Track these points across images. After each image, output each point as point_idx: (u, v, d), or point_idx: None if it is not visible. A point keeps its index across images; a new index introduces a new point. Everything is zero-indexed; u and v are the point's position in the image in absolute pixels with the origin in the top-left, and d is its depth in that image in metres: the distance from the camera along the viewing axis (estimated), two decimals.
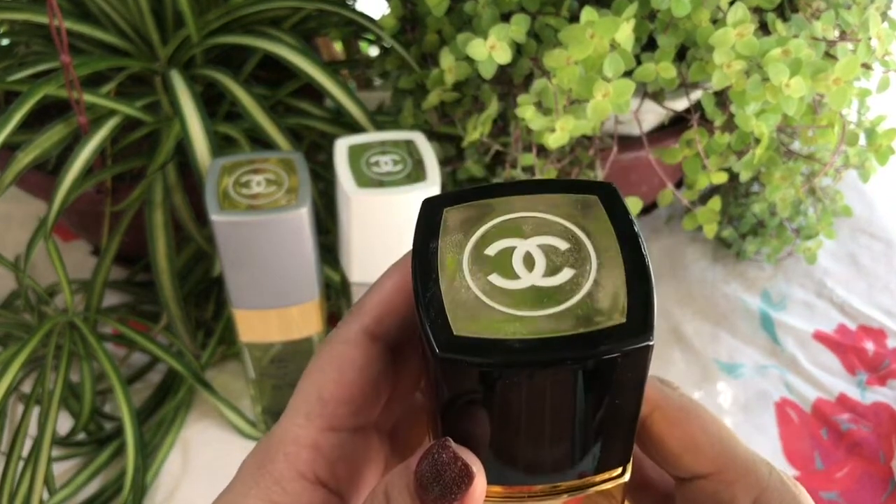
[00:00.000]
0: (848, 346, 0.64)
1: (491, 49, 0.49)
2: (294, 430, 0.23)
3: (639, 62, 0.50)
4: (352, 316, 0.24)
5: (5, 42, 0.64)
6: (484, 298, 0.19)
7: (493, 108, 0.53)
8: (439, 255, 0.20)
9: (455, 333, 0.19)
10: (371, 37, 0.69)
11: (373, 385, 0.24)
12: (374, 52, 0.75)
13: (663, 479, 0.27)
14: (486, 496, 0.21)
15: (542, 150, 0.55)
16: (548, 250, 0.20)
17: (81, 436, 0.56)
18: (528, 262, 0.20)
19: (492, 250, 0.20)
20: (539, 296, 0.19)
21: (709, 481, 0.24)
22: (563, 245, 0.20)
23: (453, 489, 0.20)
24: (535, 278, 0.20)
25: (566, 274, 0.20)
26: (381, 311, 0.23)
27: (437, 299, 0.19)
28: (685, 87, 0.53)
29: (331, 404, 0.23)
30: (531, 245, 0.20)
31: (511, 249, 0.20)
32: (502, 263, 0.20)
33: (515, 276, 0.20)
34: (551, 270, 0.20)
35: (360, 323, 0.23)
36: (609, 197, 0.22)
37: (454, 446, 0.20)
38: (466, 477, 0.20)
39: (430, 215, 0.21)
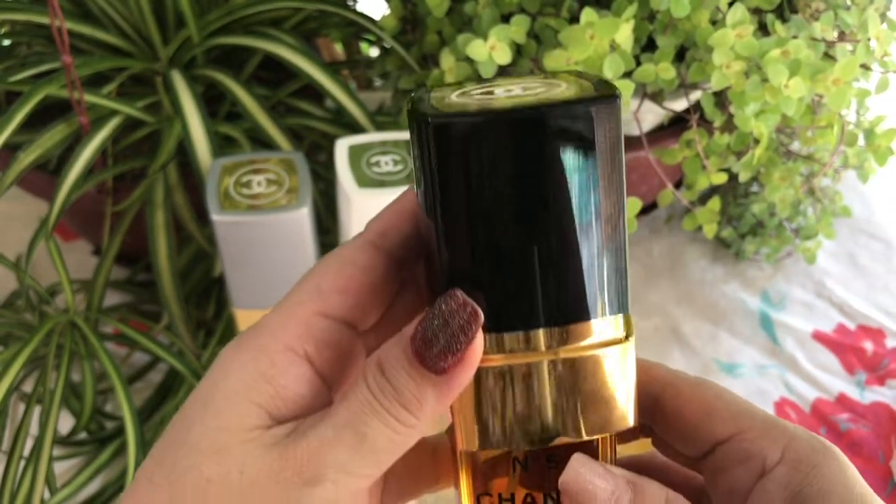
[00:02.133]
0: (847, 345, 0.64)
1: (491, 50, 0.49)
2: (285, 311, 0.23)
3: (638, 63, 0.50)
4: (356, 235, 0.24)
5: (7, 42, 0.64)
6: (468, 100, 0.22)
7: None
8: (431, 98, 0.22)
9: (444, 111, 0.21)
10: (371, 37, 0.69)
11: (371, 287, 0.24)
12: (374, 52, 0.75)
13: (689, 482, 0.27)
14: (487, 365, 0.21)
15: None
16: (525, 87, 0.23)
17: (82, 435, 0.56)
18: (507, 91, 0.22)
19: (475, 92, 0.22)
20: (517, 97, 0.21)
21: (732, 443, 0.24)
22: (538, 85, 0.22)
23: (459, 338, 0.20)
24: (514, 93, 0.22)
25: (541, 90, 0.22)
26: (384, 227, 0.24)
27: (428, 103, 0.21)
28: (684, 87, 0.53)
29: (327, 293, 0.23)
30: (510, 85, 0.23)
31: (492, 89, 0.23)
32: (485, 94, 0.22)
33: (495, 95, 0.22)
34: (527, 90, 0.22)
35: (363, 237, 0.24)
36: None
37: (462, 293, 0.21)
38: (473, 321, 0.20)
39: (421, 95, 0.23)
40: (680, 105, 0.56)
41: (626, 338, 0.22)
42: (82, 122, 0.53)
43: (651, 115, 0.59)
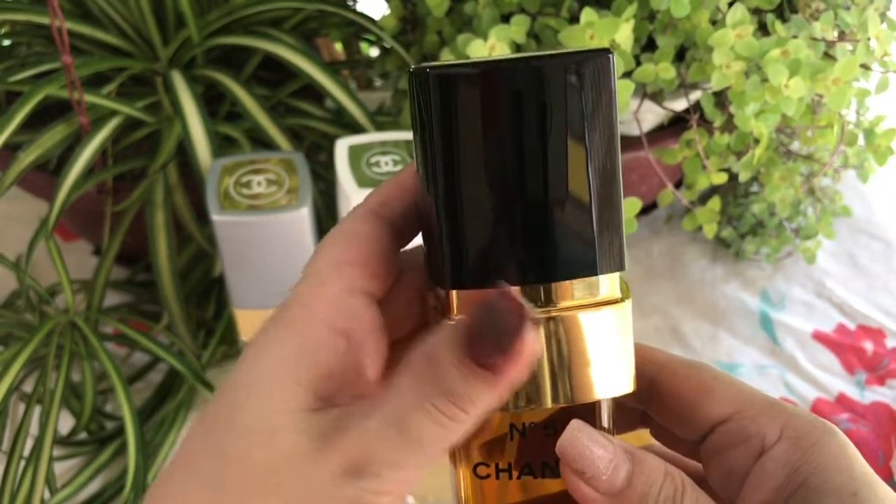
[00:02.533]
0: (847, 345, 0.64)
1: (491, 50, 0.49)
2: (313, 291, 0.23)
3: (638, 63, 0.50)
4: (355, 207, 0.24)
5: (7, 43, 0.64)
6: (463, 61, 0.22)
7: None
8: (431, 64, 0.22)
9: (442, 66, 0.21)
10: (371, 37, 0.69)
11: (380, 256, 0.24)
12: (374, 52, 0.75)
13: (688, 471, 0.27)
14: None
15: None
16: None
17: (83, 435, 0.56)
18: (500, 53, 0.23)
19: (476, 59, 0.22)
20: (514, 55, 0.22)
21: (731, 423, 0.23)
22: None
23: (510, 337, 0.20)
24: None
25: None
26: (384, 198, 0.24)
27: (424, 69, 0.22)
28: (684, 87, 0.53)
29: (343, 267, 0.23)
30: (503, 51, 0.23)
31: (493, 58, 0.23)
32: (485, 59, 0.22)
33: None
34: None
35: (364, 207, 0.24)
36: None
37: (511, 291, 0.20)
38: (523, 321, 0.20)
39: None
40: (680, 105, 0.56)
41: (623, 299, 0.23)
42: (82, 123, 0.53)
43: (651, 115, 0.59)
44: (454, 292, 0.22)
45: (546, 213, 0.21)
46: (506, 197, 0.21)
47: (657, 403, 0.25)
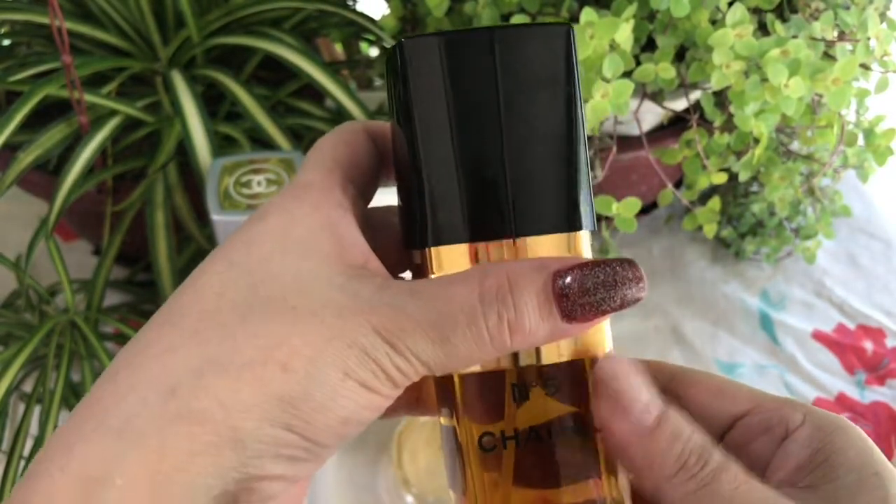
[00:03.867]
0: (847, 345, 0.64)
1: None
2: (324, 174, 0.23)
3: (638, 62, 0.50)
4: (341, 125, 0.25)
5: (6, 42, 0.64)
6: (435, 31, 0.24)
7: None
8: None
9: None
10: (371, 37, 0.69)
11: (374, 158, 0.24)
12: (374, 52, 0.75)
13: None
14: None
15: None
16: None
17: None
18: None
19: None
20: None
21: (751, 416, 0.23)
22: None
23: (615, 302, 0.21)
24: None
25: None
26: (366, 124, 0.25)
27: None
28: (684, 87, 0.53)
29: (343, 162, 0.24)
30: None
31: None
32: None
33: None
34: None
35: (351, 124, 0.25)
36: None
37: (641, 269, 0.21)
38: (638, 297, 0.21)
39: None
40: (680, 105, 0.56)
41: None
42: (82, 122, 0.53)
43: (651, 115, 0.59)
44: (431, 249, 0.23)
45: (514, 171, 0.22)
46: (475, 156, 0.22)
47: (675, 402, 0.25)
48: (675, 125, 0.61)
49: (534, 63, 0.22)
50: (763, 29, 0.52)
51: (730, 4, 0.48)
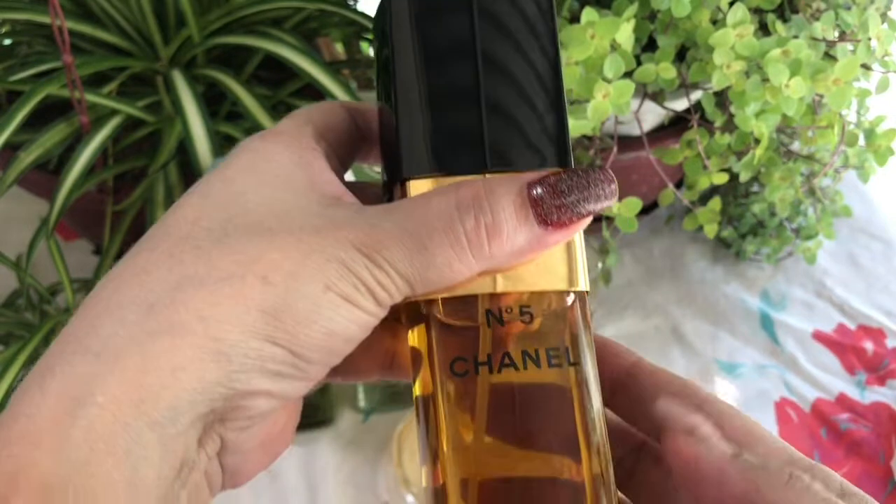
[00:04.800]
0: (847, 345, 0.64)
1: None
2: (295, 126, 0.24)
3: (639, 63, 0.50)
4: (322, 102, 0.26)
5: (7, 42, 0.64)
6: None
7: None
8: None
9: None
10: (372, 37, 0.69)
11: (352, 128, 0.25)
12: None
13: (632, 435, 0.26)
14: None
15: None
16: None
17: None
18: None
19: None
20: None
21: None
22: None
23: (590, 203, 0.21)
24: None
25: None
26: (345, 101, 0.26)
27: None
28: (685, 87, 0.53)
29: (318, 123, 0.24)
30: None
31: None
32: None
33: None
34: None
35: (330, 103, 0.25)
36: None
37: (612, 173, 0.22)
38: (611, 197, 0.22)
39: None
40: (680, 105, 0.56)
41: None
42: (83, 122, 0.53)
43: (651, 115, 0.59)
44: (408, 183, 0.23)
45: (489, 106, 0.23)
46: (451, 91, 0.23)
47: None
48: (675, 125, 0.61)
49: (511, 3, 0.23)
50: (764, 29, 0.52)
51: (731, 4, 0.48)
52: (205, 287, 0.20)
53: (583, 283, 0.24)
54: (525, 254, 0.22)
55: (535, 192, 0.21)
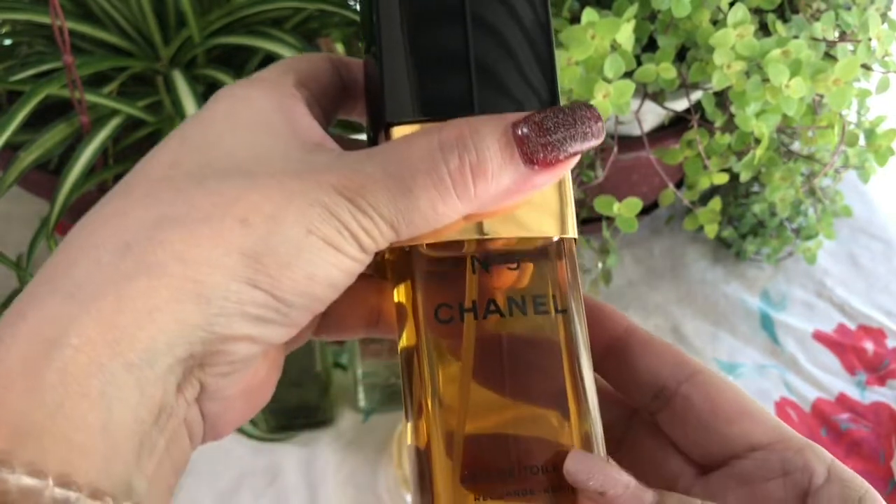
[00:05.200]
0: (847, 345, 0.64)
1: None
2: (274, 75, 0.23)
3: (639, 63, 0.50)
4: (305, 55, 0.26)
5: (7, 42, 0.64)
6: None
7: None
8: None
9: None
10: None
11: (336, 80, 0.24)
12: None
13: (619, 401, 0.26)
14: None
15: None
16: None
17: None
18: None
19: None
20: None
21: (771, 451, 0.22)
22: None
23: (576, 140, 0.21)
24: None
25: None
26: (330, 55, 0.25)
27: None
28: (685, 87, 0.53)
29: (300, 71, 0.24)
30: None
31: None
32: None
33: None
34: None
35: (315, 54, 0.25)
36: None
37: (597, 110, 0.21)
38: (597, 135, 0.21)
39: None
40: (681, 105, 0.56)
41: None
42: (83, 122, 0.53)
43: (652, 115, 0.59)
44: (393, 129, 0.22)
45: (476, 51, 0.22)
46: (435, 36, 0.23)
47: (679, 407, 0.24)
48: (676, 125, 0.61)
49: None
50: (764, 29, 0.52)
51: (731, 5, 0.48)
52: (183, 227, 0.19)
53: (571, 230, 0.23)
54: (511, 195, 0.21)
55: (520, 130, 0.21)
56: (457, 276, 0.23)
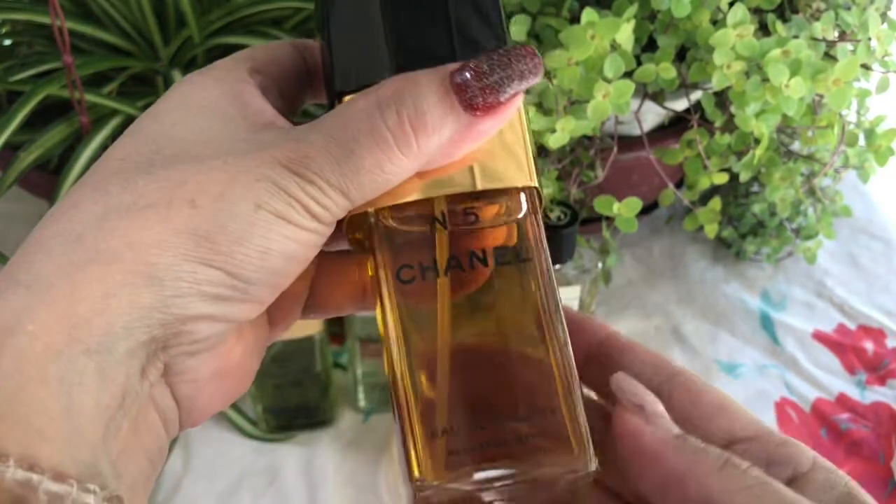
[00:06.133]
0: (847, 345, 0.64)
1: None
2: (226, 64, 0.23)
3: (639, 63, 0.50)
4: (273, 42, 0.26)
5: (7, 42, 0.64)
6: None
7: None
8: None
9: None
10: None
11: (300, 65, 0.24)
12: None
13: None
14: None
15: (543, 151, 0.55)
16: None
17: None
18: None
19: None
20: None
21: (754, 444, 0.22)
22: None
23: (514, 81, 0.20)
24: None
25: None
26: (294, 40, 0.25)
27: None
28: (685, 87, 0.53)
29: (257, 58, 0.24)
30: None
31: None
32: None
33: None
34: None
35: (281, 42, 0.25)
36: None
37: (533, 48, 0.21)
38: (535, 72, 0.20)
39: None
40: (681, 105, 0.56)
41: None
42: (83, 122, 0.53)
43: (652, 115, 0.59)
44: (345, 98, 0.22)
45: (420, 8, 0.22)
46: (382, 2, 0.22)
47: (673, 404, 0.24)
48: (675, 125, 0.61)
49: None
50: (764, 29, 0.52)
51: (731, 5, 0.48)
52: (131, 214, 0.19)
53: (530, 179, 0.23)
54: (459, 145, 0.21)
55: (458, 78, 0.20)
56: (417, 236, 0.23)
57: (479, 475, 0.21)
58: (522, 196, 0.23)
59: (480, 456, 0.21)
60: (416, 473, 0.22)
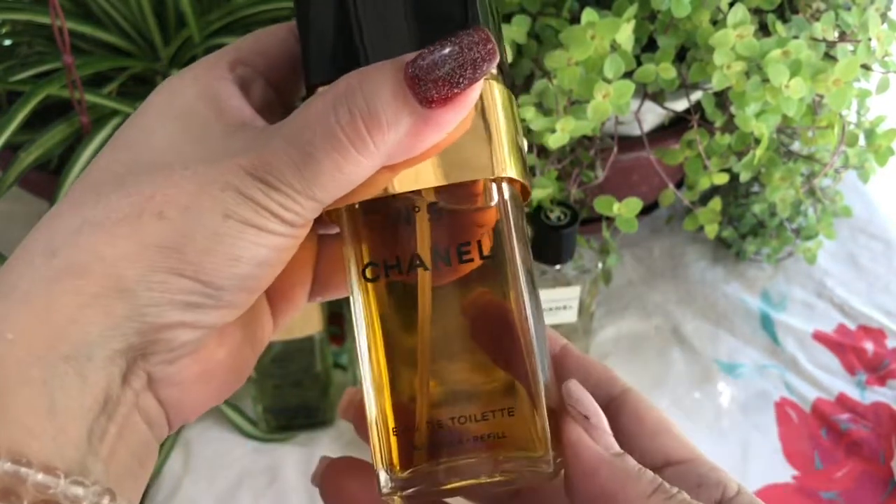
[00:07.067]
0: (847, 346, 0.64)
1: None
2: (208, 61, 0.24)
3: (639, 63, 0.50)
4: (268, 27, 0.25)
5: (7, 42, 0.64)
6: None
7: None
8: None
9: None
10: None
11: (288, 56, 0.24)
12: None
13: None
14: None
15: (543, 151, 0.55)
16: None
17: None
18: None
19: None
20: None
21: (688, 465, 0.23)
22: None
23: (467, 71, 0.19)
24: None
25: None
26: (291, 24, 0.25)
27: None
28: (685, 87, 0.53)
29: (242, 49, 0.24)
30: None
31: None
32: None
33: None
34: None
35: (276, 25, 0.25)
36: None
37: (487, 31, 0.20)
38: (490, 59, 0.20)
39: None
40: (681, 105, 0.56)
41: (497, 78, 0.22)
42: (83, 122, 0.53)
43: (652, 116, 0.59)
44: (318, 89, 0.22)
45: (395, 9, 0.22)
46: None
47: (611, 422, 0.24)
48: (676, 125, 0.61)
49: None
50: (764, 29, 0.52)
51: (731, 5, 0.48)
52: (103, 229, 0.20)
53: (498, 169, 0.22)
54: (420, 139, 0.20)
55: (410, 70, 0.20)
56: (382, 232, 0.22)
57: (442, 472, 0.22)
58: (493, 187, 0.22)
59: (445, 452, 0.22)
60: (381, 466, 0.23)
